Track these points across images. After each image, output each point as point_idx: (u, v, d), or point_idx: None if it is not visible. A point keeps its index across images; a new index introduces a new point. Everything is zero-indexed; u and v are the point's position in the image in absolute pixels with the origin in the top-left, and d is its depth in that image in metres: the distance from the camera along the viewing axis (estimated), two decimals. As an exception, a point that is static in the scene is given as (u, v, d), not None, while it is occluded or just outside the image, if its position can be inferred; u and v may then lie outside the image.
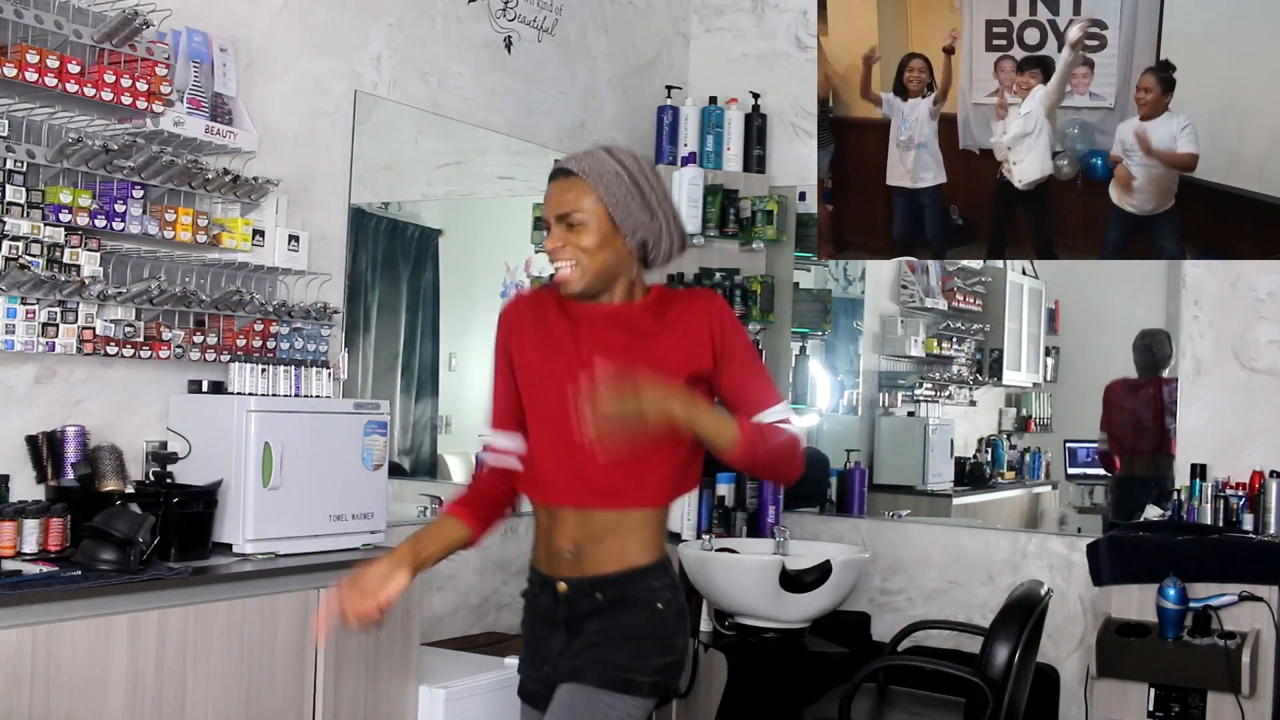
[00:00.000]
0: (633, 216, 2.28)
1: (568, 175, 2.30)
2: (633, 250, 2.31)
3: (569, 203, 2.28)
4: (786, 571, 4.08)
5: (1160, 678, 3.78)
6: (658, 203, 2.31)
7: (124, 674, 2.65)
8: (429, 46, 4.11)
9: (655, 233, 2.32)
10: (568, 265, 2.29)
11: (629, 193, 2.28)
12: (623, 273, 2.33)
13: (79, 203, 2.92)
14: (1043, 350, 6.56)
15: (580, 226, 2.28)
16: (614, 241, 2.29)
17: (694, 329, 2.32)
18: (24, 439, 2.96)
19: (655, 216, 2.31)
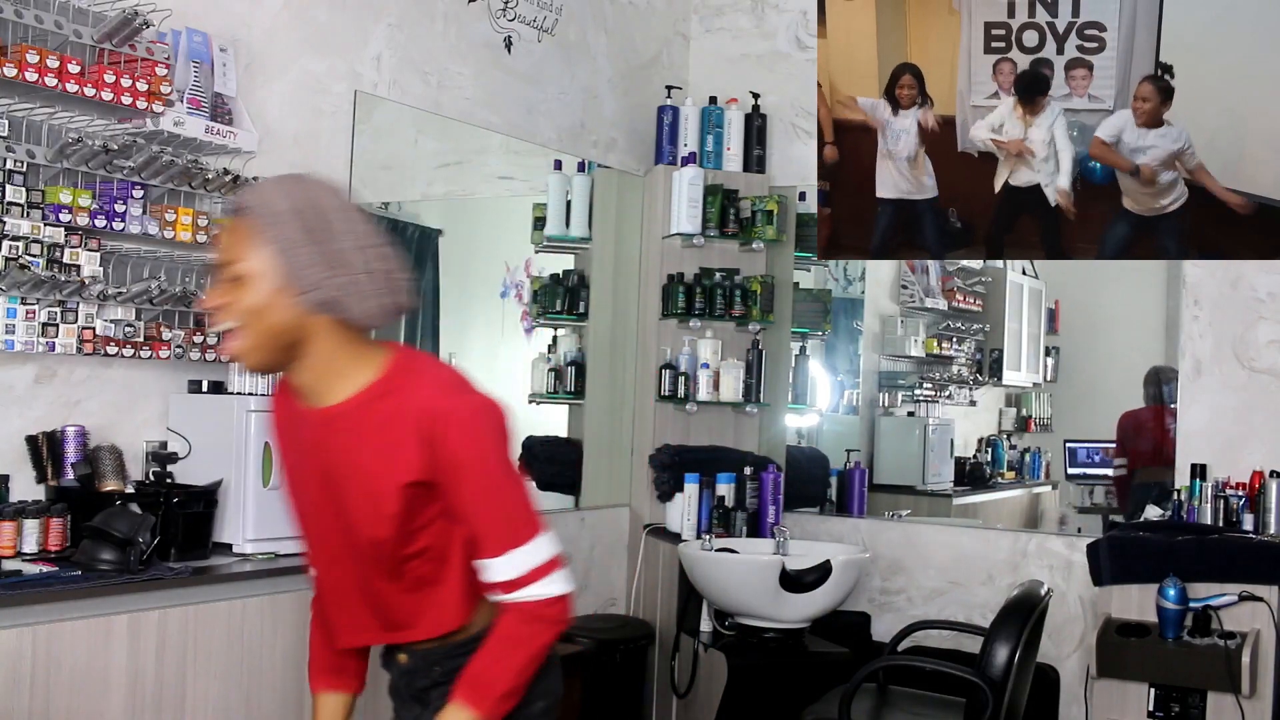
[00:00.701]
0: (305, 271, 1.79)
1: (235, 213, 1.85)
2: (311, 312, 1.82)
3: (229, 249, 1.83)
4: (786, 571, 4.08)
5: (1160, 678, 3.78)
6: (349, 250, 1.82)
7: (124, 674, 2.65)
8: (429, 46, 4.11)
9: (342, 290, 1.81)
10: (232, 332, 1.84)
11: (300, 239, 1.79)
12: (310, 340, 1.85)
13: (79, 203, 2.92)
14: (1043, 350, 6.56)
15: (241, 281, 1.81)
16: (284, 302, 1.81)
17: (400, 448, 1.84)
18: (24, 439, 2.96)
19: (340, 270, 1.81)
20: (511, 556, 1.87)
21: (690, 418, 4.91)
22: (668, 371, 4.82)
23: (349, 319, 1.85)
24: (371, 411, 1.87)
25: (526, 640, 1.90)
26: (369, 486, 1.87)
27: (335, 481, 1.91)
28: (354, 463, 1.88)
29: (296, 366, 1.88)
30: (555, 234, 4.80)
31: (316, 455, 1.93)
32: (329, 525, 1.96)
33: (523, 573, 1.87)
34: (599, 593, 4.85)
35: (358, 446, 1.87)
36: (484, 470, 1.87)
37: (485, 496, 1.87)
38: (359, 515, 1.90)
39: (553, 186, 4.79)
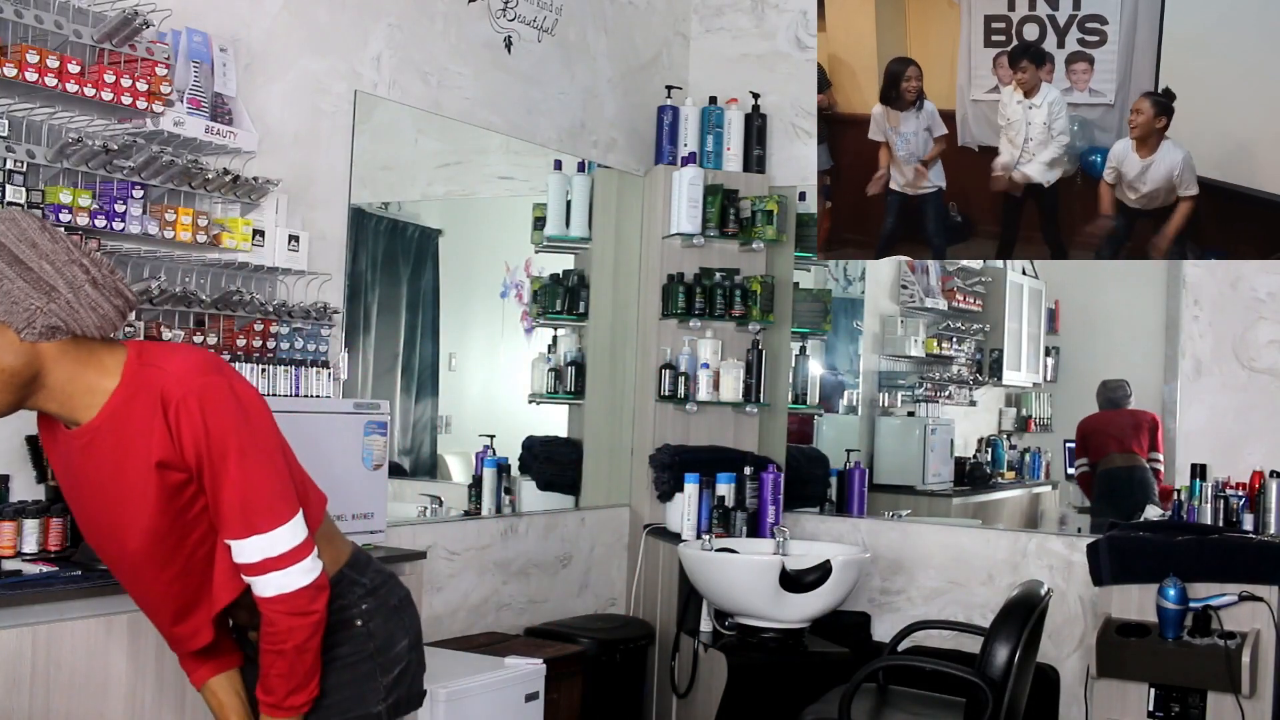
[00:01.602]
0: (19, 306, 1.76)
1: None
2: (39, 341, 1.80)
3: None
4: (786, 571, 4.08)
5: (1160, 678, 3.78)
6: (57, 270, 1.78)
7: (124, 674, 2.65)
8: (429, 46, 4.11)
9: (65, 310, 1.79)
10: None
11: (6, 276, 1.75)
12: (46, 370, 1.83)
13: (79, 203, 2.92)
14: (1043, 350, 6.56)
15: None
16: (8, 342, 1.78)
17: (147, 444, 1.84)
18: (24, 439, 2.96)
19: (53, 294, 1.78)
20: (250, 542, 1.87)
21: (690, 418, 4.92)
22: (668, 371, 4.82)
23: (81, 334, 1.83)
24: (120, 414, 1.85)
25: (284, 637, 1.90)
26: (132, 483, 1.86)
27: (107, 492, 1.90)
28: (118, 465, 1.86)
29: (40, 398, 1.85)
30: (555, 234, 4.81)
31: (88, 474, 1.90)
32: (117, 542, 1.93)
33: (260, 559, 1.87)
34: (599, 593, 4.85)
35: (116, 449, 1.86)
36: (222, 450, 1.85)
37: (223, 476, 1.85)
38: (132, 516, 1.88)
39: (553, 186, 4.79)
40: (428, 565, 3.77)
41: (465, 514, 4.36)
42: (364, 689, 2.03)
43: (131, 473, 1.85)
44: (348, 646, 2.02)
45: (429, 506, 4.35)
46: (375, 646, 2.05)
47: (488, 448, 4.47)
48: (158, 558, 1.92)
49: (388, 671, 2.05)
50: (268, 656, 1.92)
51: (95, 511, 1.95)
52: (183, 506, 1.88)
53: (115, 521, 1.91)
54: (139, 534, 1.89)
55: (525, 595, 4.48)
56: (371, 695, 2.03)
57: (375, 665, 2.03)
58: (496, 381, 5.01)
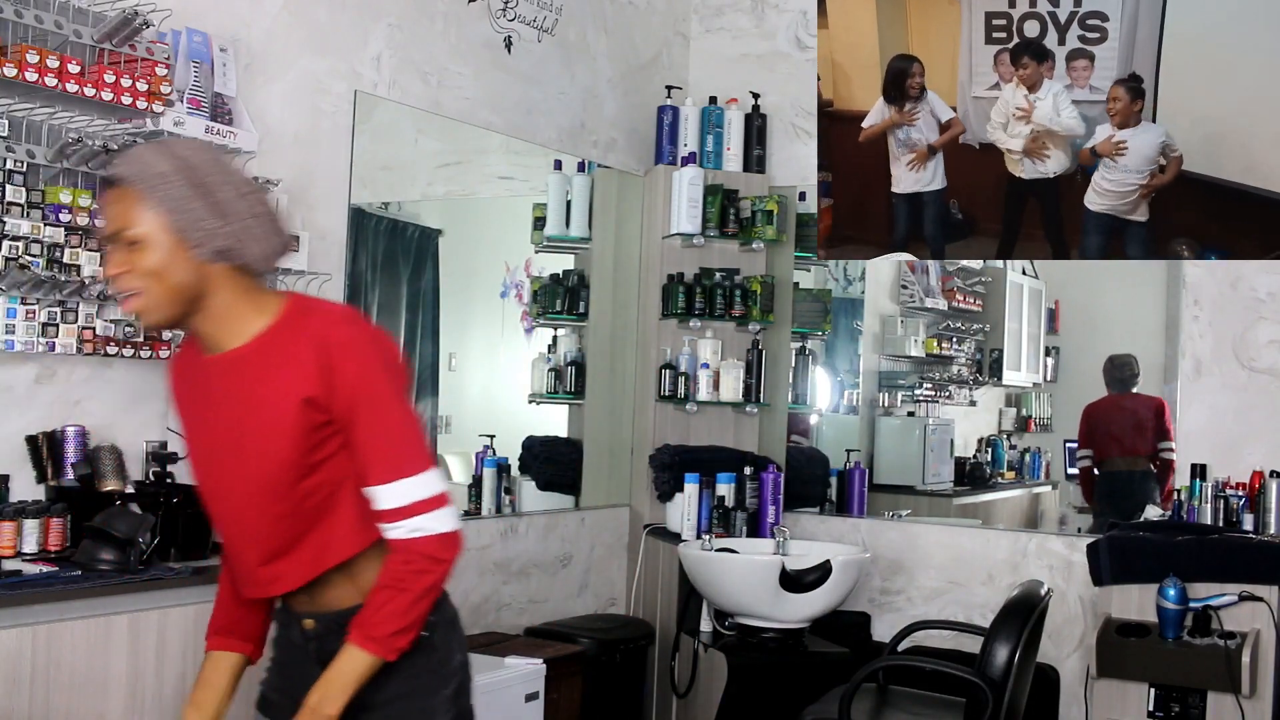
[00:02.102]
0: (199, 224, 1.87)
1: (114, 184, 1.89)
2: (210, 262, 1.89)
3: (119, 217, 1.87)
4: (786, 571, 4.08)
5: (1160, 678, 3.78)
6: (233, 199, 1.90)
7: (124, 674, 2.65)
8: (429, 46, 4.11)
9: (235, 237, 1.89)
10: (135, 295, 1.89)
11: (188, 195, 1.86)
12: (212, 291, 1.91)
13: (79, 203, 2.92)
14: (1043, 350, 6.55)
15: (139, 245, 1.86)
16: (183, 257, 1.87)
17: (298, 376, 1.89)
18: (24, 439, 2.96)
19: (230, 218, 1.89)
20: (398, 485, 1.92)
21: (690, 418, 4.91)
22: (668, 371, 4.82)
23: (245, 264, 1.92)
24: (273, 347, 1.92)
25: (413, 578, 1.93)
26: (271, 413, 1.91)
27: (240, 419, 1.94)
28: (258, 394, 1.92)
29: (199, 318, 1.93)
30: (555, 234, 4.81)
31: (224, 399, 1.96)
32: (232, 472, 1.97)
33: (408, 503, 1.92)
34: (599, 593, 4.85)
35: (262, 379, 1.92)
36: (376, 396, 1.91)
37: (376, 422, 1.91)
38: (261, 445, 1.92)
39: (553, 186, 4.79)
40: (428, 565, 3.76)
41: (465, 514, 4.36)
42: (429, 702, 2.01)
43: (271, 403, 1.90)
44: (415, 655, 1.99)
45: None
46: (438, 659, 2.03)
47: (488, 448, 4.47)
48: (272, 492, 1.94)
49: (447, 684, 2.04)
50: (386, 593, 1.92)
51: (219, 435, 1.98)
52: (312, 447, 1.92)
53: (239, 447, 1.95)
54: (262, 463, 1.93)
55: (525, 595, 4.48)
56: (438, 708, 2.01)
57: (438, 678, 2.02)
58: (496, 381, 5.01)
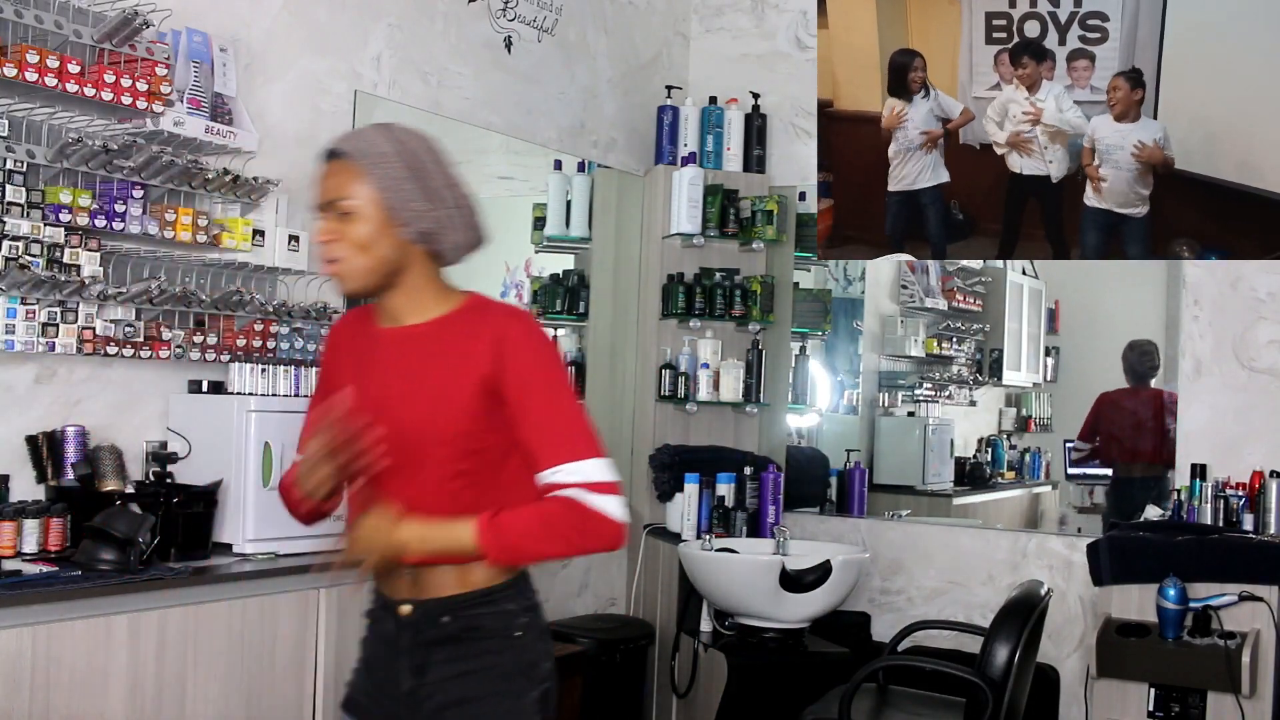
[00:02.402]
0: (409, 204, 2.00)
1: (336, 157, 2.03)
2: (412, 242, 2.03)
3: (336, 188, 2.01)
4: (786, 571, 4.08)
5: (1160, 678, 3.78)
6: (442, 188, 2.04)
7: (124, 674, 2.65)
8: (429, 46, 4.11)
9: (438, 223, 2.03)
10: (337, 261, 2.02)
11: (404, 176, 2.00)
12: (407, 269, 2.04)
13: (79, 203, 2.92)
14: (1043, 350, 6.55)
15: (351, 216, 2.00)
16: (389, 233, 2.01)
17: (474, 357, 2.00)
18: (24, 439, 2.96)
19: (438, 204, 2.02)
20: (571, 467, 1.97)
21: (690, 418, 4.91)
22: (668, 371, 4.82)
23: (441, 250, 2.06)
24: (453, 330, 2.05)
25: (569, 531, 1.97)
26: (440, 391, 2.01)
27: (407, 391, 2.04)
28: (431, 371, 2.03)
29: (390, 293, 2.06)
30: (555, 234, 4.81)
31: (391, 369, 2.06)
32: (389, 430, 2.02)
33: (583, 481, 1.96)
34: (599, 593, 4.85)
35: (439, 354, 2.03)
36: (550, 385, 2.01)
37: (550, 409, 2.00)
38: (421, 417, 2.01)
39: (553, 186, 4.79)
40: (428, 565, 3.76)
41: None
42: (518, 703, 2.03)
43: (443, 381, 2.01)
44: (507, 655, 2.03)
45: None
46: (528, 661, 2.05)
47: (488, 448, 4.47)
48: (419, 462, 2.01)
49: (535, 687, 2.05)
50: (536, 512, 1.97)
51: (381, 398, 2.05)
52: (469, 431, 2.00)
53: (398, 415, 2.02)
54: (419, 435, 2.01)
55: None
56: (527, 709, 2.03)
57: (528, 680, 2.04)
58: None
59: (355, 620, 3.14)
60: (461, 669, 2.02)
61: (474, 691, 2.01)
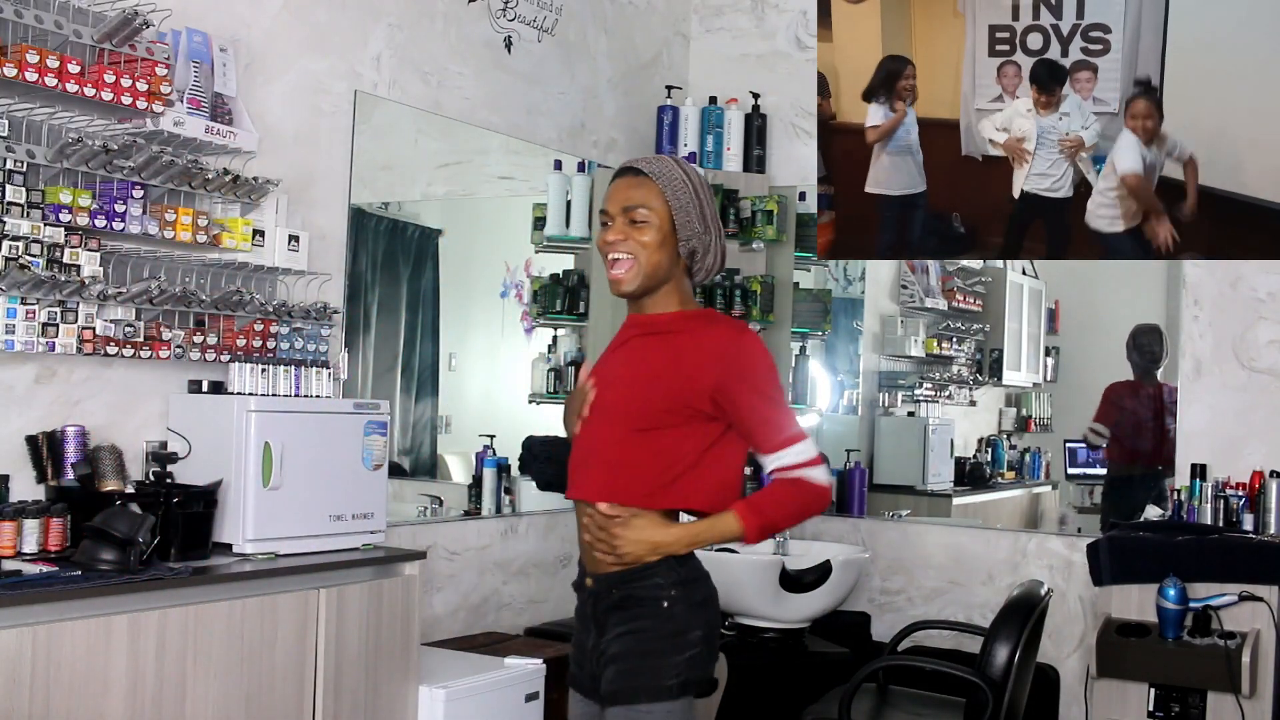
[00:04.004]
0: (691, 224, 2.39)
1: (637, 174, 2.40)
2: (683, 257, 2.41)
3: (637, 198, 2.38)
4: (786, 571, 4.08)
5: (1160, 678, 3.78)
6: (710, 218, 2.42)
7: (124, 674, 2.65)
8: (429, 46, 4.11)
9: (705, 245, 2.41)
10: (624, 259, 2.38)
11: (690, 201, 2.38)
12: (671, 278, 2.41)
13: (79, 203, 2.92)
14: (1042, 350, 6.56)
15: (644, 224, 2.37)
16: (670, 244, 2.39)
17: (699, 361, 2.34)
18: (24, 439, 2.96)
19: (708, 230, 2.41)
20: (788, 451, 2.34)
21: (690, 418, 4.90)
22: (668, 371, 4.81)
23: (696, 267, 2.44)
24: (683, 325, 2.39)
25: (799, 500, 2.36)
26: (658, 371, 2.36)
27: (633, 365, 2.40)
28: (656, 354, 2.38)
29: (650, 295, 2.42)
30: (555, 234, 4.80)
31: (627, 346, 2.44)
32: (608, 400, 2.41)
33: (797, 462, 2.34)
34: (599, 593, 4.84)
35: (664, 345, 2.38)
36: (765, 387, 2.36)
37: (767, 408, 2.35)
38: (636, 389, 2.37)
39: (553, 186, 4.79)
40: (428, 565, 3.77)
41: (465, 514, 4.36)
42: (658, 663, 2.32)
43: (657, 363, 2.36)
44: (650, 622, 2.34)
45: (429, 506, 4.35)
46: (672, 629, 2.34)
47: (488, 448, 4.47)
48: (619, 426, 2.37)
49: (680, 652, 2.33)
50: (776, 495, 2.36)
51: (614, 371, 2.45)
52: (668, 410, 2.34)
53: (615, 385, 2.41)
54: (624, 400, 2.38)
55: (525, 595, 4.48)
56: (664, 670, 2.32)
57: (669, 645, 2.33)
58: (496, 381, 5.01)
59: (355, 620, 3.16)
60: (621, 630, 2.36)
61: (627, 649, 2.34)
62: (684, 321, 2.41)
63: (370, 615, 3.22)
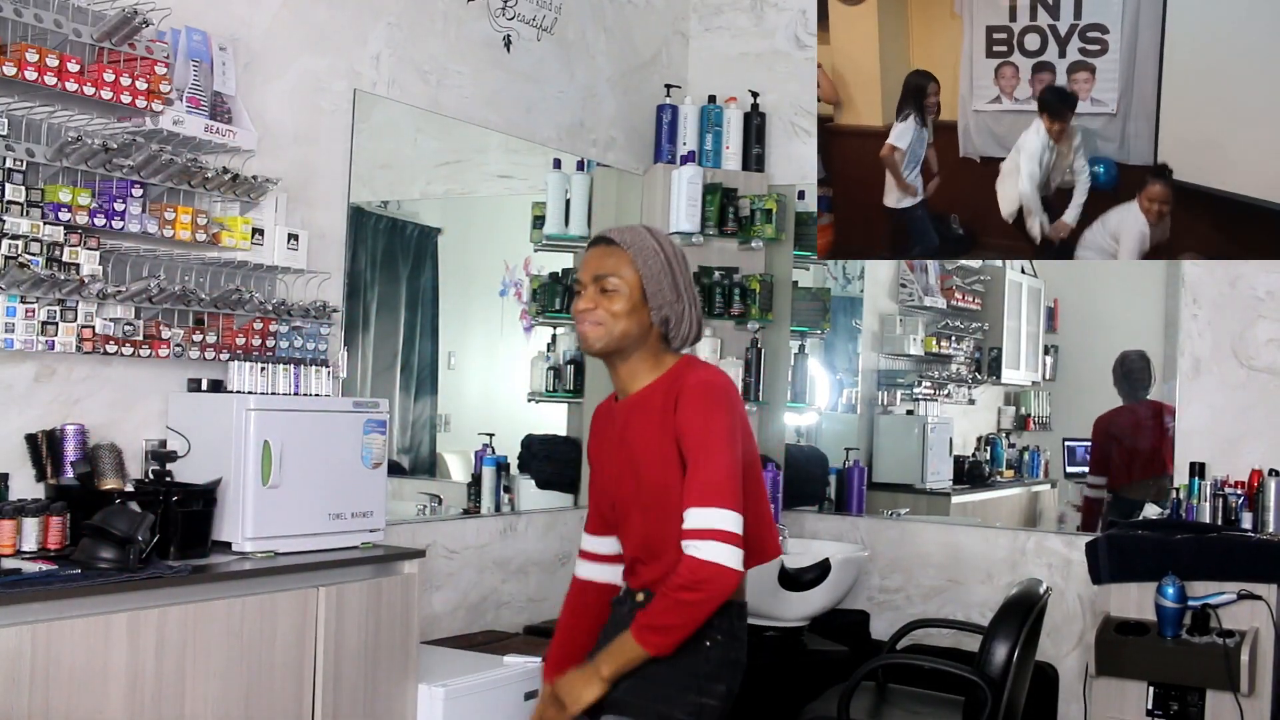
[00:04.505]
0: (661, 293, 2.45)
1: (609, 244, 2.47)
2: (655, 324, 2.46)
3: (608, 267, 2.45)
4: (785, 570, 4.09)
5: (1159, 676, 3.78)
6: (684, 287, 2.48)
7: (123, 672, 2.65)
8: (428, 45, 4.11)
9: (678, 313, 2.47)
10: (593, 325, 2.44)
11: (662, 270, 2.45)
12: (642, 344, 2.47)
13: (78, 201, 2.92)
14: (1041, 349, 6.56)
15: (614, 292, 2.44)
16: (640, 312, 2.44)
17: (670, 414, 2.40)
18: (23, 437, 2.96)
19: (680, 299, 2.47)
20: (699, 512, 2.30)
21: (689, 416, 4.90)
22: (667, 370, 4.81)
23: (670, 335, 2.48)
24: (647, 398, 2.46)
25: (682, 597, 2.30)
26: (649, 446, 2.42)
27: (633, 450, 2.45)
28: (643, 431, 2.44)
29: (619, 358, 2.48)
30: (554, 233, 4.81)
31: (624, 434, 2.48)
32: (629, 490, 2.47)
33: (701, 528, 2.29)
34: (598, 591, 4.84)
35: (643, 419, 2.45)
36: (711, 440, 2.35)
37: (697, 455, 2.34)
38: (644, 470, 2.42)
39: (552, 185, 4.79)
40: (427, 564, 3.77)
41: (464, 512, 4.36)
42: (679, 692, 2.36)
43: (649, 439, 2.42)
44: (688, 656, 2.36)
45: (428, 505, 4.35)
46: (705, 671, 2.38)
47: (487, 446, 4.48)
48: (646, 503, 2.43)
49: (701, 695, 2.37)
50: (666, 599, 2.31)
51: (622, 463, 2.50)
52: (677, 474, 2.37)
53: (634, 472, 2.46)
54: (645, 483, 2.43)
55: (524, 594, 4.49)
56: (681, 703, 2.36)
57: (696, 684, 2.37)
58: (495, 380, 5.01)
59: (354, 618, 3.17)
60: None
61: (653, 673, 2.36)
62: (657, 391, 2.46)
63: (369, 614, 3.22)
